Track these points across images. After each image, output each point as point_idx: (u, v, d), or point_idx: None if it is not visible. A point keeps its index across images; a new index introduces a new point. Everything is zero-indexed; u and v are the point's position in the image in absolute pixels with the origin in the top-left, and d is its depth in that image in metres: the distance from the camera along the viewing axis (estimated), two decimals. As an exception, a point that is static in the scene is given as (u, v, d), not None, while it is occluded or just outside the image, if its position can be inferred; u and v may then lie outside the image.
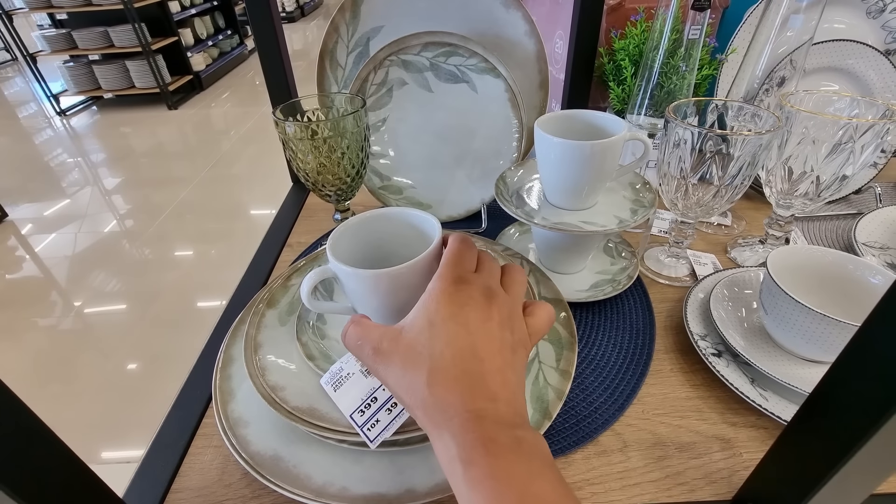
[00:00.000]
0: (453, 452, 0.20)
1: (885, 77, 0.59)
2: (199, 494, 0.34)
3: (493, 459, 0.20)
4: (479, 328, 0.23)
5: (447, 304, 0.24)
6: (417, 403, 0.22)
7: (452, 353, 0.23)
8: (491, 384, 0.22)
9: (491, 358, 0.23)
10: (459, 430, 0.21)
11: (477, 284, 0.25)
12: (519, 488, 0.19)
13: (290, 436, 0.33)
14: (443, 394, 0.22)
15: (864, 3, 0.62)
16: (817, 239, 0.59)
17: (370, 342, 0.25)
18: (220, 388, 0.36)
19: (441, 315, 0.24)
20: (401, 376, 0.23)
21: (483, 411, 0.21)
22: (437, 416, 0.22)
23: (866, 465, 0.22)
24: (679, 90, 0.55)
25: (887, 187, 0.67)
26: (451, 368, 0.22)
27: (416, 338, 0.24)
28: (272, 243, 0.61)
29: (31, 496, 0.22)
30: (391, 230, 0.34)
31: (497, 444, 0.20)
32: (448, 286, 0.25)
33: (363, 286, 0.29)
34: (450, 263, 0.26)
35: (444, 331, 0.23)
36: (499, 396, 0.22)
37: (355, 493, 0.30)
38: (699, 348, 0.41)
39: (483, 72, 0.55)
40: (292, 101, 0.50)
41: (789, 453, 0.27)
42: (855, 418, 0.21)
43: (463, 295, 0.24)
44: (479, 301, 0.24)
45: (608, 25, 0.69)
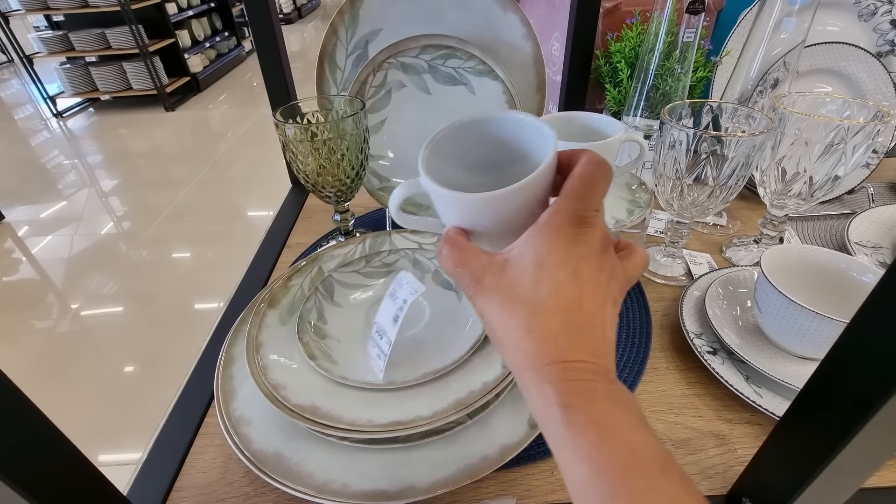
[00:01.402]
0: (550, 397, 0.20)
1: (877, 79, 0.60)
2: (202, 493, 0.34)
3: (594, 407, 0.19)
4: (590, 279, 0.22)
5: (562, 247, 0.21)
6: (514, 345, 0.21)
7: (558, 302, 0.21)
8: (591, 338, 0.21)
9: (595, 312, 0.21)
10: (558, 378, 0.20)
11: (597, 229, 0.22)
12: (622, 435, 0.19)
13: (291, 434, 0.33)
14: (542, 341, 0.21)
15: (855, 7, 0.63)
16: (811, 238, 0.59)
17: (471, 271, 0.23)
18: (221, 387, 0.36)
19: (553, 258, 0.21)
20: (499, 313, 0.22)
21: (582, 364, 0.20)
22: (533, 361, 0.21)
23: (855, 459, 0.23)
24: (674, 92, 0.56)
25: (880, 187, 0.68)
26: (554, 318, 0.21)
27: (520, 277, 0.22)
28: (272, 244, 0.62)
29: (37, 493, 0.22)
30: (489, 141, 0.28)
31: (597, 394, 0.20)
32: (566, 227, 0.22)
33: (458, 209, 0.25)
34: (575, 195, 0.22)
35: (552, 276, 0.21)
36: (597, 351, 0.21)
37: (356, 489, 0.30)
38: (695, 346, 0.42)
39: (481, 74, 0.56)
40: (292, 103, 0.50)
41: (781, 448, 0.27)
42: (843, 413, 0.22)
43: (581, 241, 0.22)
44: (597, 249, 0.22)
45: (604, 28, 0.70)
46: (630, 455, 0.18)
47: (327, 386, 0.33)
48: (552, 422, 0.20)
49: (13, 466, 0.21)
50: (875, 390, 0.20)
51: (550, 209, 0.22)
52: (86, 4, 3.19)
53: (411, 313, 0.41)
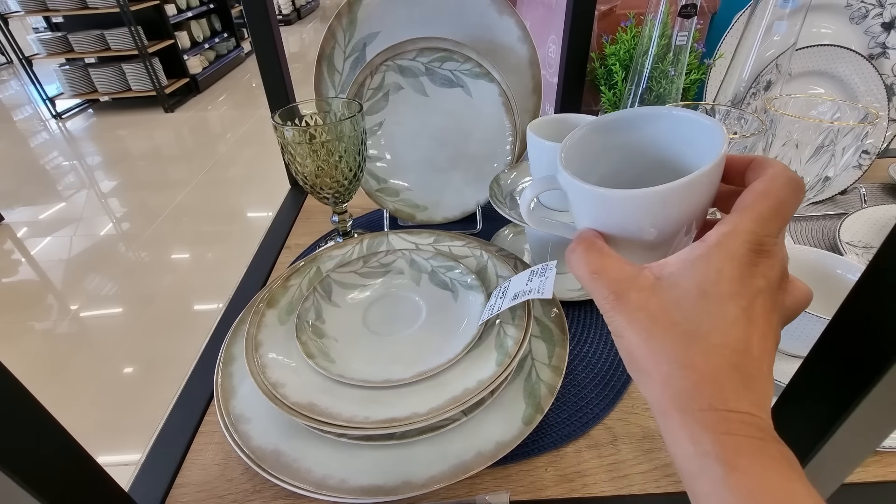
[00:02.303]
0: (707, 449, 0.17)
1: (868, 81, 0.61)
2: (202, 489, 0.35)
3: (768, 472, 0.16)
4: (762, 318, 0.18)
5: (735, 278, 0.18)
6: (660, 377, 0.18)
7: (724, 340, 0.18)
8: (759, 388, 0.18)
9: (763, 357, 0.18)
10: (717, 429, 0.17)
11: (777, 260, 0.19)
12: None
13: (289, 431, 0.34)
14: (701, 382, 0.18)
15: (847, 10, 0.63)
16: (803, 238, 0.60)
17: (611, 282, 0.20)
18: (221, 385, 0.37)
19: (722, 288, 0.18)
20: (644, 340, 0.19)
21: (747, 417, 0.17)
22: (686, 403, 0.18)
23: (837, 454, 0.24)
24: (668, 94, 0.57)
25: (872, 188, 0.68)
26: (718, 358, 0.18)
27: (676, 302, 0.18)
28: (271, 245, 0.62)
29: (42, 488, 0.23)
30: (636, 143, 0.24)
31: (770, 456, 0.17)
32: (744, 251, 0.18)
33: (602, 208, 0.21)
34: (758, 216, 0.18)
35: (720, 309, 0.18)
36: (764, 404, 0.18)
37: (354, 485, 0.31)
38: (687, 345, 0.42)
39: (477, 76, 0.57)
40: (290, 105, 0.51)
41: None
42: (824, 409, 0.22)
43: (758, 274, 0.18)
44: (773, 286, 0.19)
45: (599, 31, 0.71)
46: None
47: (325, 384, 0.34)
48: (707, 479, 0.17)
49: (18, 461, 0.22)
50: (852, 386, 0.21)
51: (723, 228, 0.18)
52: (85, 6, 3.19)
53: (407, 312, 0.42)
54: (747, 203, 0.19)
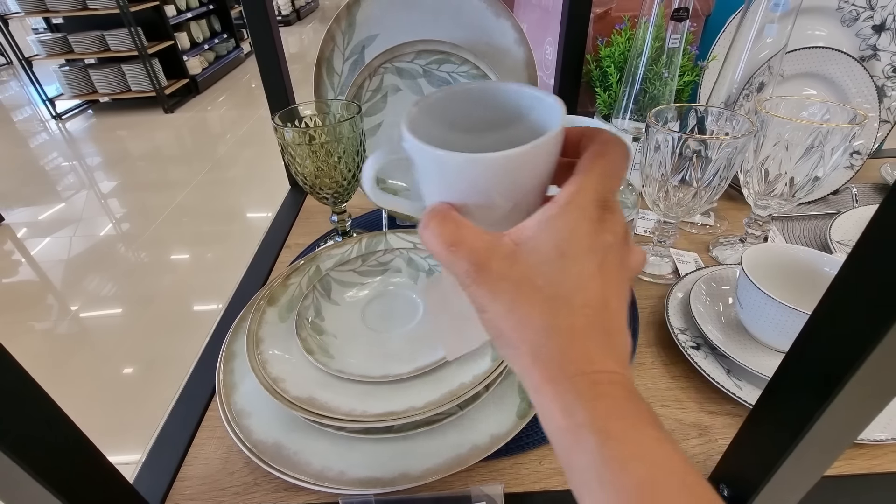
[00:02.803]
0: (580, 419, 0.16)
1: (859, 82, 0.62)
2: (204, 482, 0.35)
3: (639, 435, 0.16)
4: (615, 275, 0.19)
5: (588, 233, 0.18)
6: (527, 348, 0.18)
7: (584, 298, 0.18)
8: (620, 344, 0.18)
9: (620, 312, 0.19)
10: (588, 394, 0.17)
11: (620, 216, 0.19)
12: (676, 477, 0.16)
13: (290, 425, 0.35)
14: (568, 347, 0.17)
15: (838, 12, 0.64)
16: (795, 237, 0.61)
17: (471, 253, 0.18)
18: (223, 381, 0.38)
19: (578, 246, 0.18)
20: (509, 310, 0.18)
21: (613, 375, 0.17)
22: (556, 371, 0.17)
23: (818, 444, 0.24)
24: (662, 95, 0.58)
25: (864, 188, 0.69)
26: (581, 317, 0.18)
27: (537, 267, 0.18)
28: (271, 245, 0.63)
29: (52, 479, 0.24)
30: (483, 111, 0.24)
31: (641, 418, 0.17)
32: (592, 207, 0.18)
33: (452, 176, 0.20)
34: (599, 172, 0.19)
35: (577, 268, 0.18)
36: (625, 359, 0.18)
37: (352, 476, 0.32)
38: (679, 342, 0.43)
39: (474, 78, 0.58)
40: (290, 107, 0.52)
41: (753, 436, 0.29)
42: (804, 401, 0.23)
43: (607, 229, 0.18)
44: (621, 239, 0.19)
45: (595, 33, 0.72)
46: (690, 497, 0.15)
47: (324, 379, 0.35)
48: (583, 452, 0.16)
49: (30, 453, 0.23)
50: (830, 378, 0.22)
51: (570, 188, 0.18)
52: (85, 7, 3.20)
53: (405, 310, 0.43)
54: (587, 165, 0.19)
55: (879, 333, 0.19)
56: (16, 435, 0.22)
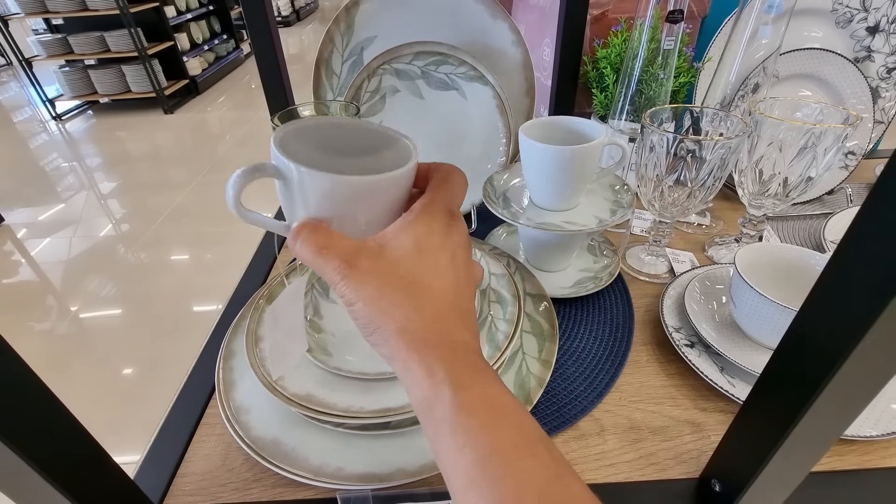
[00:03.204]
0: (440, 377, 0.19)
1: (853, 83, 0.63)
2: (204, 478, 0.36)
3: (485, 383, 0.20)
4: (464, 266, 0.24)
5: (439, 232, 0.23)
6: (394, 328, 0.21)
7: (441, 284, 0.22)
8: (471, 320, 0.23)
9: (469, 298, 0.24)
10: (448, 356, 0.20)
11: (463, 225, 0.25)
12: (513, 417, 0.19)
13: (288, 421, 0.35)
14: (429, 322, 0.21)
15: (832, 14, 0.65)
16: (790, 237, 0.61)
17: (340, 254, 0.22)
18: (223, 379, 0.38)
19: (432, 243, 0.22)
20: (376, 298, 0.21)
21: (468, 344, 0.21)
22: (418, 343, 0.20)
23: (806, 439, 0.25)
24: (657, 97, 0.58)
25: (858, 188, 0.70)
26: (439, 299, 0.22)
27: (399, 260, 0.22)
28: (269, 245, 0.64)
29: (56, 474, 0.24)
30: (349, 142, 0.27)
31: (486, 374, 0.20)
32: (441, 215, 0.23)
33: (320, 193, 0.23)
34: (444, 189, 0.24)
35: (432, 259, 0.22)
36: (476, 334, 0.23)
37: (350, 472, 0.32)
38: (673, 340, 0.44)
39: (472, 79, 0.58)
40: (289, 108, 0.52)
41: (743, 431, 0.29)
42: (792, 397, 0.24)
43: (454, 231, 0.24)
44: (465, 242, 0.24)
45: (592, 35, 0.72)
46: (521, 434, 0.18)
47: (323, 376, 0.35)
48: (440, 403, 0.19)
49: (35, 448, 0.23)
50: (817, 374, 0.22)
51: (423, 201, 0.23)
52: (85, 8, 3.21)
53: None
54: (435, 185, 0.25)
55: (864, 329, 0.19)
56: (21, 431, 0.23)
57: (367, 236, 0.23)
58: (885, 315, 0.19)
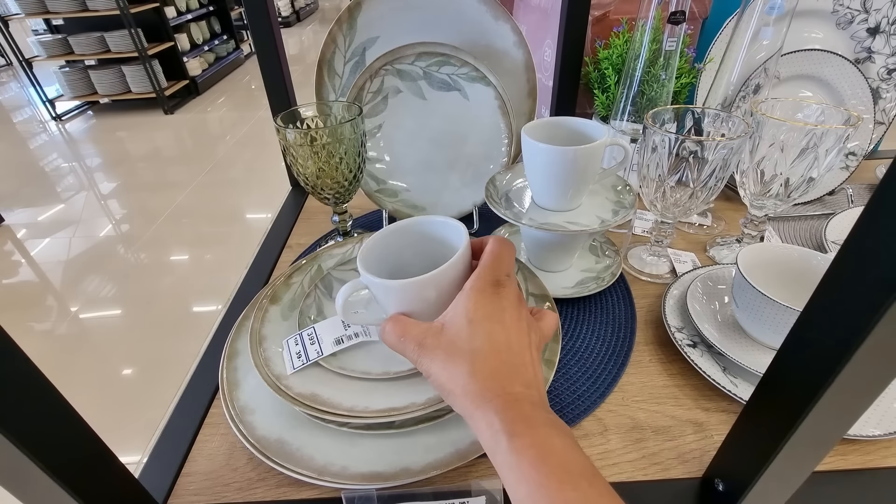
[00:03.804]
0: (497, 427, 0.23)
1: (854, 84, 0.63)
2: (208, 478, 0.36)
3: (534, 431, 0.23)
4: (514, 326, 0.27)
5: (485, 303, 0.27)
6: (460, 390, 0.25)
7: (492, 346, 0.26)
8: (525, 374, 0.26)
9: (522, 352, 0.27)
10: (502, 409, 0.24)
11: (512, 288, 0.28)
12: (557, 455, 0.22)
13: (292, 421, 0.35)
14: (484, 381, 0.25)
15: (833, 15, 0.65)
16: (791, 237, 0.62)
17: (413, 338, 0.28)
18: (226, 378, 0.38)
19: (480, 313, 0.27)
20: (443, 368, 0.26)
21: (520, 395, 0.25)
22: (478, 400, 0.24)
23: (809, 439, 0.25)
24: (659, 97, 0.58)
25: (859, 189, 0.70)
26: (491, 360, 0.25)
27: (457, 334, 0.26)
28: (272, 244, 0.64)
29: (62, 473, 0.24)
30: (416, 240, 0.35)
31: (536, 420, 0.23)
32: (487, 287, 0.27)
33: (394, 295, 0.31)
34: (489, 266, 0.29)
35: (482, 328, 0.26)
36: (531, 384, 0.26)
37: (354, 471, 0.32)
38: (676, 340, 0.44)
39: (474, 80, 0.58)
40: (292, 108, 0.52)
41: (747, 431, 0.29)
42: (796, 396, 0.24)
43: (500, 297, 0.27)
44: (514, 303, 0.28)
45: (593, 36, 0.72)
46: (564, 471, 0.22)
47: (326, 376, 0.35)
48: (500, 449, 0.23)
49: (40, 447, 0.23)
50: (821, 375, 0.22)
51: (471, 278, 0.28)
52: (85, 8, 3.21)
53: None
54: (482, 260, 0.29)
55: (867, 329, 0.20)
56: (28, 430, 0.23)
57: (440, 311, 0.28)
58: (888, 315, 0.19)
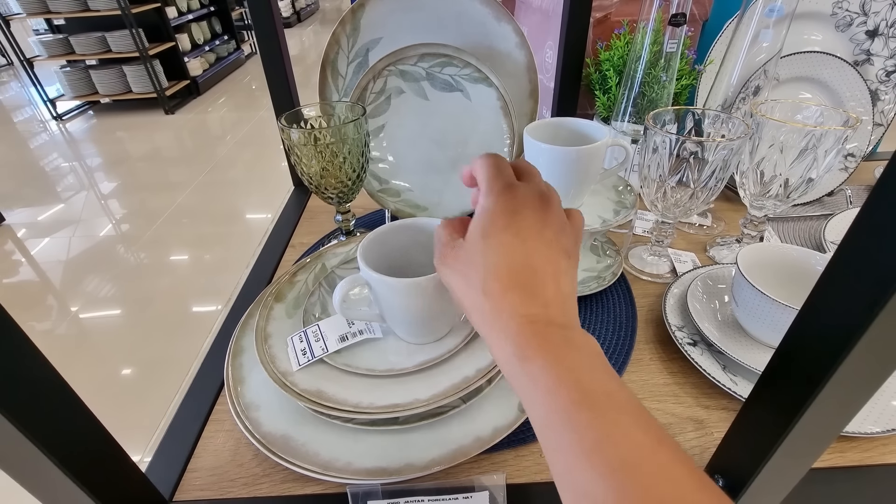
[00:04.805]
0: (510, 351, 0.22)
1: (853, 86, 0.63)
2: (214, 474, 0.36)
3: (546, 354, 0.21)
4: (534, 236, 0.24)
5: (501, 214, 0.24)
6: (475, 308, 0.24)
7: (507, 264, 0.24)
8: (544, 292, 0.23)
9: (544, 266, 0.24)
10: (515, 333, 0.22)
11: (529, 186, 0.25)
12: (574, 376, 0.20)
13: (297, 417, 0.36)
14: (497, 302, 0.23)
15: (832, 18, 0.66)
16: (790, 238, 0.62)
17: (438, 250, 0.27)
18: (232, 375, 0.39)
19: (495, 226, 0.24)
20: (459, 282, 0.25)
21: (535, 316, 0.23)
22: (492, 321, 0.23)
23: (806, 435, 0.25)
24: (660, 99, 0.59)
25: (858, 190, 0.71)
26: (505, 279, 0.23)
27: (471, 249, 0.25)
28: (275, 244, 0.64)
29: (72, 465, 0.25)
30: (416, 239, 0.35)
31: (549, 342, 0.22)
32: (498, 195, 0.25)
33: (393, 294, 0.31)
34: (491, 176, 0.26)
35: (497, 242, 0.24)
36: (550, 302, 0.23)
37: (359, 466, 0.33)
38: (676, 339, 0.44)
39: (476, 81, 0.59)
40: (296, 109, 0.53)
41: (746, 427, 0.30)
42: (794, 393, 0.24)
43: (516, 200, 0.25)
44: (535, 204, 0.25)
45: (595, 37, 0.73)
46: (578, 391, 0.20)
47: (331, 373, 0.36)
48: (514, 371, 0.22)
49: (53, 442, 0.24)
50: (819, 370, 0.23)
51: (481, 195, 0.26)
52: (86, 8, 3.21)
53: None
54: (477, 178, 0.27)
55: (864, 326, 0.20)
56: (43, 427, 0.23)
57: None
58: (884, 313, 0.19)
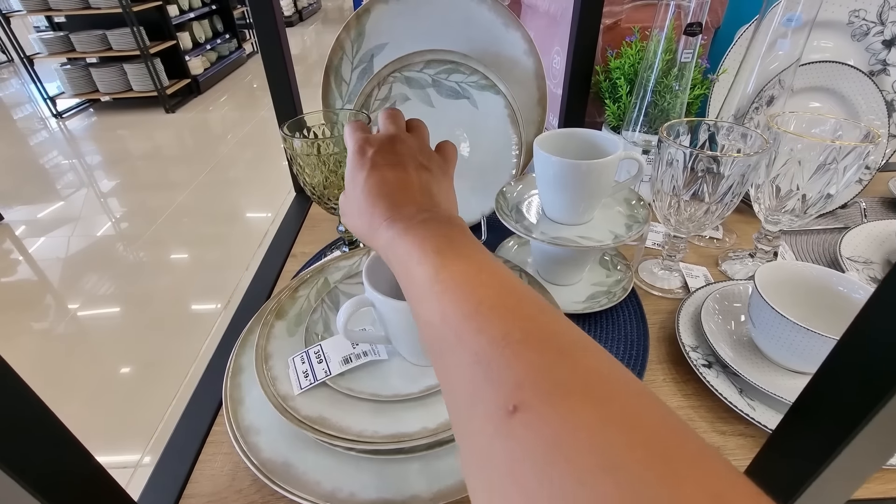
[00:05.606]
0: (389, 256, 0.26)
1: (869, 97, 0.62)
2: (211, 500, 0.35)
3: (413, 233, 0.25)
4: (383, 163, 0.29)
5: (357, 169, 0.30)
6: (364, 231, 0.29)
7: (366, 187, 0.29)
8: (408, 196, 0.28)
9: (400, 179, 0.29)
10: (386, 227, 0.26)
11: (378, 137, 0.31)
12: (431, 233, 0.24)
13: (299, 443, 0.34)
14: (371, 218, 0.28)
15: (848, 27, 0.64)
16: (804, 252, 0.61)
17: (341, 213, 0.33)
18: (230, 396, 0.37)
19: (351, 174, 0.30)
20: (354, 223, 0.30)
21: (406, 209, 0.27)
22: (370, 231, 0.28)
23: (843, 471, 0.24)
24: (672, 108, 0.57)
25: (872, 202, 0.69)
26: (370, 197, 0.28)
27: (348, 192, 0.31)
28: (276, 253, 0.63)
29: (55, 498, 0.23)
30: None
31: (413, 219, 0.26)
32: (356, 155, 0.30)
33: (398, 316, 0.32)
34: (348, 132, 0.32)
35: (355, 177, 0.30)
36: (423, 202, 0.27)
37: (363, 498, 0.31)
38: (690, 359, 0.43)
39: (483, 88, 0.57)
40: (298, 117, 0.51)
41: (773, 460, 0.28)
42: (833, 426, 0.23)
43: (366, 155, 0.30)
44: (383, 147, 0.30)
45: (604, 44, 0.71)
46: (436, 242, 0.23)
47: (334, 397, 0.34)
48: (394, 257, 0.25)
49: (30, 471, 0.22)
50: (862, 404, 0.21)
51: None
52: (87, 6, 3.20)
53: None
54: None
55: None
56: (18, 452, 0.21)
57: None
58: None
